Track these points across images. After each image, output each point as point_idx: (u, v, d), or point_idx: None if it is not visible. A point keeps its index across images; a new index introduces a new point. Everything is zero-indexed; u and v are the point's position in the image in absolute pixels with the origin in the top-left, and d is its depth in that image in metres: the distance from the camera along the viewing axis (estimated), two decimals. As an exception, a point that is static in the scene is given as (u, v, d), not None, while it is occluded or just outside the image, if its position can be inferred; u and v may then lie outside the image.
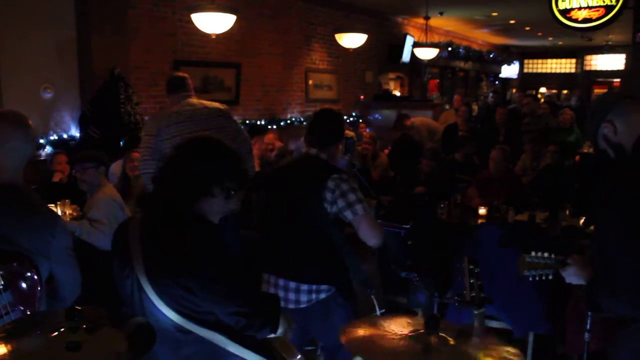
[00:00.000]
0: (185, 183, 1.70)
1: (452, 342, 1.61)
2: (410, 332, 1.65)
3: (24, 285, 1.79)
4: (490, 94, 11.41)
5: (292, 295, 2.53)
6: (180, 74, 4.20)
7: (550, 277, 1.97)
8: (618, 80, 17.05)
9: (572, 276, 1.94)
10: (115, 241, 1.81)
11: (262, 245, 2.69)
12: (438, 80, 13.46)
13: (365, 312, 2.89)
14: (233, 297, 1.67)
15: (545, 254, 1.98)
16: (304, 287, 2.51)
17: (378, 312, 2.98)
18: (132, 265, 1.68)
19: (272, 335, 1.80)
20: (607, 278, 1.72)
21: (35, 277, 1.82)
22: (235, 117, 7.49)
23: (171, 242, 1.64)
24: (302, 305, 2.52)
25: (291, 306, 2.51)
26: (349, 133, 6.98)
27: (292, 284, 2.52)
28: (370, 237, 2.50)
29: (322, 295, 2.53)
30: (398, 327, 1.69)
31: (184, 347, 1.68)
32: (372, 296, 2.90)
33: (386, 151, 7.06)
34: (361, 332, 1.69)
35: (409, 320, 1.74)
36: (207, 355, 1.71)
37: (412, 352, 1.56)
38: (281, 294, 2.52)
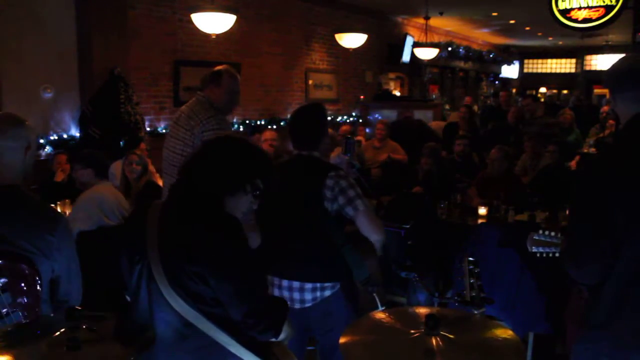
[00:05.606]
0: (224, 177, 1.70)
1: (452, 337, 1.60)
2: (410, 333, 1.64)
3: (24, 286, 1.79)
4: (492, 97, 11.41)
5: (297, 295, 2.52)
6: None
7: (557, 254, 1.99)
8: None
9: None
10: (127, 228, 1.78)
11: (262, 247, 2.68)
12: (438, 79, 13.44)
13: (367, 310, 2.89)
14: (247, 293, 1.64)
15: (552, 233, 2.01)
16: (308, 285, 2.51)
17: (380, 310, 2.97)
18: (144, 252, 1.63)
19: (273, 339, 1.79)
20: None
21: (36, 277, 1.82)
22: (235, 117, 7.60)
23: (196, 231, 1.61)
24: (307, 305, 2.52)
25: (297, 306, 2.51)
26: (346, 128, 7.10)
27: (296, 284, 2.52)
28: (372, 232, 2.50)
29: (327, 293, 2.54)
30: (397, 327, 1.68)
31: (185, 342, 1.65)
32: (374, 294, 2.90)
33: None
34: (358, 338, 1.68)
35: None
36: (207, 353, 1.67)
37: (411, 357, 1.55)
38: (286, 294, 2.52)
